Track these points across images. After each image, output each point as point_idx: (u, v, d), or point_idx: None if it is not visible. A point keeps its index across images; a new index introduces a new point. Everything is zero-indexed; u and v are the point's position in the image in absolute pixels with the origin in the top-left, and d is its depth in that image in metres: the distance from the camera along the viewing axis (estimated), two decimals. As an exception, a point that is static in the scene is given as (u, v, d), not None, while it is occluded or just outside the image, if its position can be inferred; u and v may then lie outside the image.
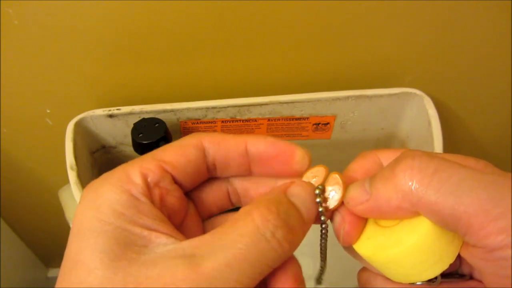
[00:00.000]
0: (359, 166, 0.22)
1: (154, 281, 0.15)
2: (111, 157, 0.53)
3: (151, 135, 0.44)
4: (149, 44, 0.45)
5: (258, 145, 0.21)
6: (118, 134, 0.49)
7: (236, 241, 0.16)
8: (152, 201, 0.18)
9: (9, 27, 0.42)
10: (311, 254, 0.30)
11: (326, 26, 0.45)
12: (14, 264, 0.76)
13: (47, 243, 0.81)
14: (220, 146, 0.21)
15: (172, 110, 0.47)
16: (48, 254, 0.86)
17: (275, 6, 0.42)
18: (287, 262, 0.19)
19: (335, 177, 0.21)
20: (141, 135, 0.44)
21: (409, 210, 0.19)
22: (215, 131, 0.50)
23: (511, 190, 0.17)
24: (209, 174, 0.22)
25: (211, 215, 0.23)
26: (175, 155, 0.20)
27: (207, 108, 0.47)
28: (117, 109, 0.46)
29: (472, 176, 0.17)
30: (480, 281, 0.21)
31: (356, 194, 0.20)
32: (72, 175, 0.42)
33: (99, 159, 0.51)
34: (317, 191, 0.21)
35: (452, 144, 0.60)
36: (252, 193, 0.23)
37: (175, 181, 0.20)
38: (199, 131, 0.50)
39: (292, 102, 0.48)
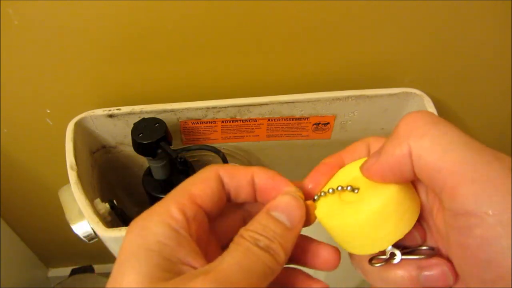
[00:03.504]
0: (352, 149, 0.26)
1: None
2: (111, 157, 0.53)
3: (151, 135, 0.44)
4: (149, 44, 0.45)
5: (261, 176, 0.24)
6: (118, 134, 0.49)
7: (236, 251, 0.20)
8: (190, 234, 0.21)
9: (9, 27, 0.42)
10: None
11: (327, 27, 0.45)
12: (14, 264, 0.77)
13: (47, 243, 0.81)
14: (233, 177, 0.24)
15: (172, 110, 0.47)
16: (48, 254, 0.86)
17: (275, 6, 0.42)
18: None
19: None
20: (141, 135, 0.44)
21: (405, 157, 0.20)
22: (215, 131, 0.51)
23: (498, 160, 0.17)
24: (227, 202, 0.25)
25: (229, 242, 0.26)
26: (202, 187, 0.23)
27: (207, 108, 0.47)
28: (117, 109, 0.47)
29: (465, 139, 0.18)
30: (442, 258, 0.22)
31: (370, 158, 0.23)
32: (72, 175, 0.42)
33: (99, 159, 0.51)
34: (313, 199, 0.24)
35: (452, 144, 0.60)
36: None
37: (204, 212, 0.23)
38: (199, 131, 0.50)
39: (292, 102, 0.48)
